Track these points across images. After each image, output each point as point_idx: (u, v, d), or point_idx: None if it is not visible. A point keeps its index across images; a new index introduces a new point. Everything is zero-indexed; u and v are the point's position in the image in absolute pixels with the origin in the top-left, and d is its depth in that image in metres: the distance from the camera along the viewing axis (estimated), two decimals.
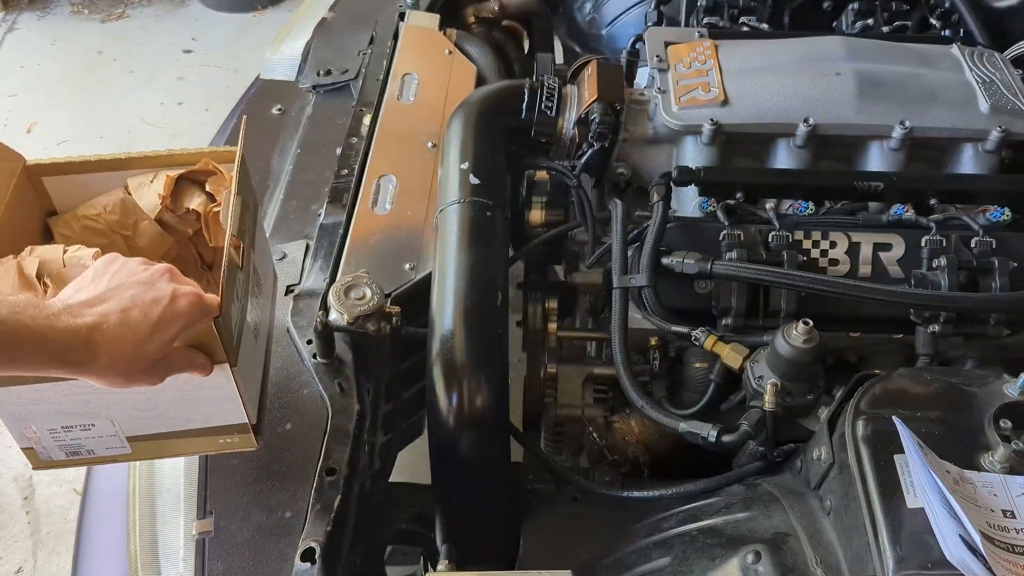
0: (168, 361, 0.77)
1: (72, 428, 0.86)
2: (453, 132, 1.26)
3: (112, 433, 0.86)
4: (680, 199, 1.22)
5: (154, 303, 0.74)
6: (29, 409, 0.83)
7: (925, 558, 0.74)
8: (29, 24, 3.97)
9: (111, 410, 0.84)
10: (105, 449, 0.88)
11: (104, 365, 0.72)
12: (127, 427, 0.86)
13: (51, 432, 0.86)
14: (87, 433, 0.86)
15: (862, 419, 0.86)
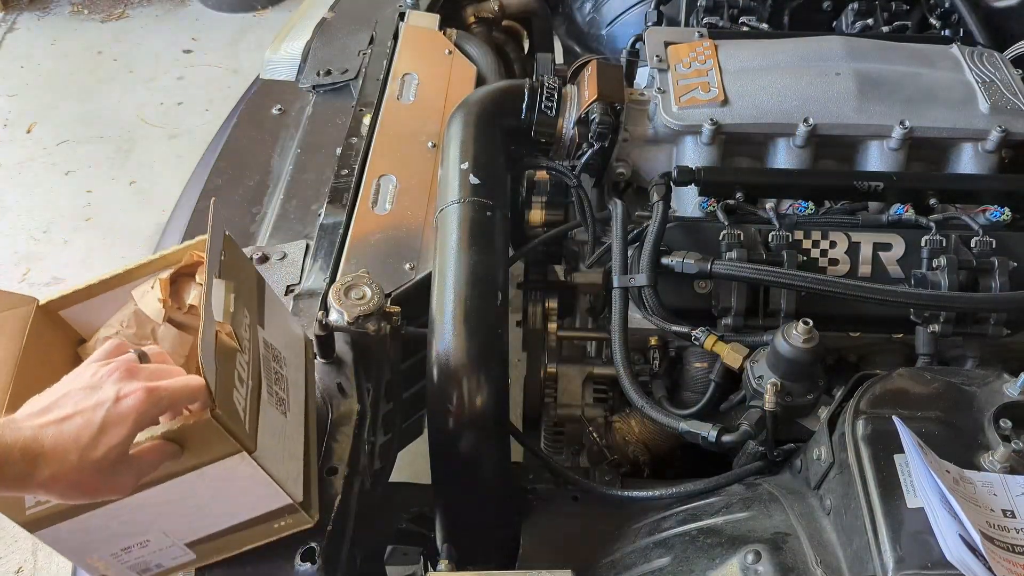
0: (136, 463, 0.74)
1: (131, 548, 0.86)
2: (453, 132, 1.26)
3: (170, 544, 0.87)
4: (680, 199, 1.22)
5: (96, 407, 0.72)
6: (83, 540, 0.84)
7: (925, 558, 0.74)
8: (29, 24, 3.97)
9: (158, 522, 0.85)
10: (171, 560, 0.89)
11: (48, 477, 0.69)
12: (181, 535, 0.87)
13: (113, 556, 0.87)
14: (146, 549, 0.87)
15: (862, 419, 0.86)
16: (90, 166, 3.17)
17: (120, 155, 3.24)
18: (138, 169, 3.17)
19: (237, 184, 1.46)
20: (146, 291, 1.07)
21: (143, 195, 3.03)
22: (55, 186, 2.93)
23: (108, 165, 3.19)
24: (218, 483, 0.83)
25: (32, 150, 3.23)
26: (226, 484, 0.83)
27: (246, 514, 0.88)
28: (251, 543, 0.92)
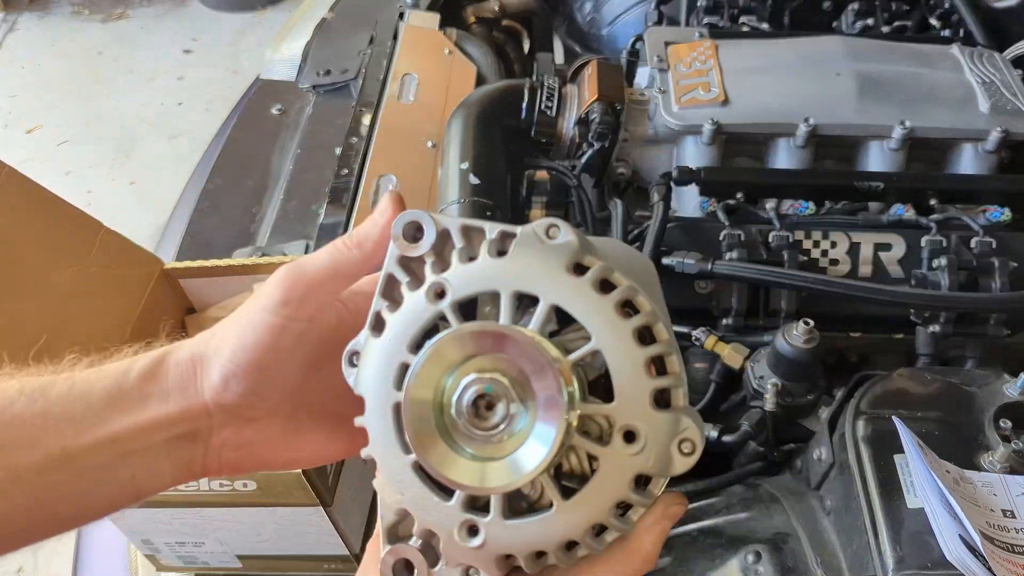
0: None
1: (185, 544, 0.91)
2: (453, 132, 1.26)
3: (222, 551, 0.93)
4: (680, 199, 1.22)
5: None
6: (145, 526, 0.89)
7: (925, 558, 0.74)
8: (29, 24, 3.97)
9: (218, 532, 0.89)
10: (218, 562, 0.94)
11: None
12: (235, 547, 0.92)
13: (167, 544, 0.91)
14: (199, 549, 0.92)
15: (862, 419, 0.86)
16: (90, 166, 3.18)
17: (120, 155, 3.24)
18: (138, 169, 3.18)
19: (237, 184, 1.46)
20: None
21: (143, 195, 3.04)
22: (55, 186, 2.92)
23: (108, 165, 3.19)
24: (286, 522, 0.86)
25: (32, 150, 3.24)
26: (293, 524, 0.86)
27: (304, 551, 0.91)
28: (298, 572, 0.94)
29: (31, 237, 0.99)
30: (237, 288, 1.15)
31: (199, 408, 0.46)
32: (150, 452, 0.45)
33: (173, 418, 0.45)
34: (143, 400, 0.45)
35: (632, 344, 0.40)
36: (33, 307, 0.97)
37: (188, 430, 0.46)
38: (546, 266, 0.40)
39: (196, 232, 1.38)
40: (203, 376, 0.46)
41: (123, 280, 1.08)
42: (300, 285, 0.46)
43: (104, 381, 0.45)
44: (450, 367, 0.40)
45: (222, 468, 0.48)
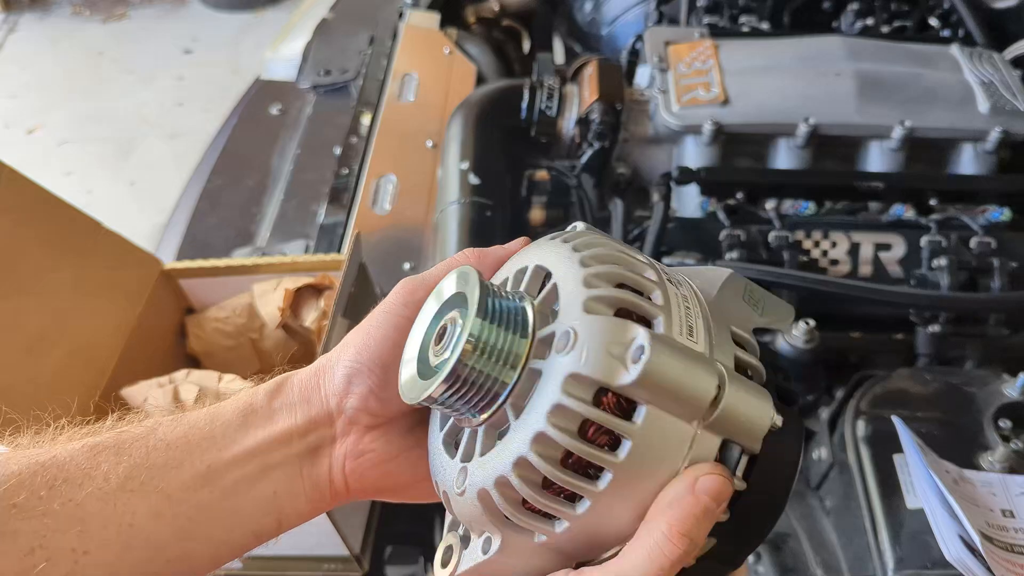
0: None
1: None
2: (453, 132, 1.26)
3: None
4: (681, 199, 1.22)
5: None
6: None
7: (925, 558, 0.74)
8: (30, 25, 3.97)
9: None
10: None
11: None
12: None
13: None
14: None
15: (862, 419, 0.86)
16: (90, 167, 3.17)
17: (120, 155, 3.24)
18: (138, 169, 3.17)
19: (237, 184, 1.46)
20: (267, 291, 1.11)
21: (143, 195, 3.04)
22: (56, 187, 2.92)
23: (108, 166, 3.19)
24: None
25: (33, 151, 3.24)
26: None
27: (306, 551, 0.90)
28: (298, 572, 0.94)
29: (31, 237, 0.99)
30: (237, 288, 1.15)
31: (323, 416, 0.48)
32: (287, 466, 0.47)
33: (301, 428, 0.47)
34: (272, 415, 0.47)
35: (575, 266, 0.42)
36: (33, 307, 0.97)
37: (315, 442, 0.48)
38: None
39: (196, 232, 1.38)
40: (326, 383, 0.48)
41: (123, 280, 1.08)
42: (420, 290, 0.48)
43: (235, 404, 0.48)
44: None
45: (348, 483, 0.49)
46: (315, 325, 1.10)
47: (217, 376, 1.03)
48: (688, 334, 0.41)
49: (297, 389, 0.49)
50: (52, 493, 0.41)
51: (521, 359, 0.41)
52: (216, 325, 1.15)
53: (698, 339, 0.41)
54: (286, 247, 1.26)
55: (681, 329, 0.41)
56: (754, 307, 0.47)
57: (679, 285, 0.44)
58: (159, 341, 1.11)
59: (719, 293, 0.46)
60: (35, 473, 0.42)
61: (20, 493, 0.41)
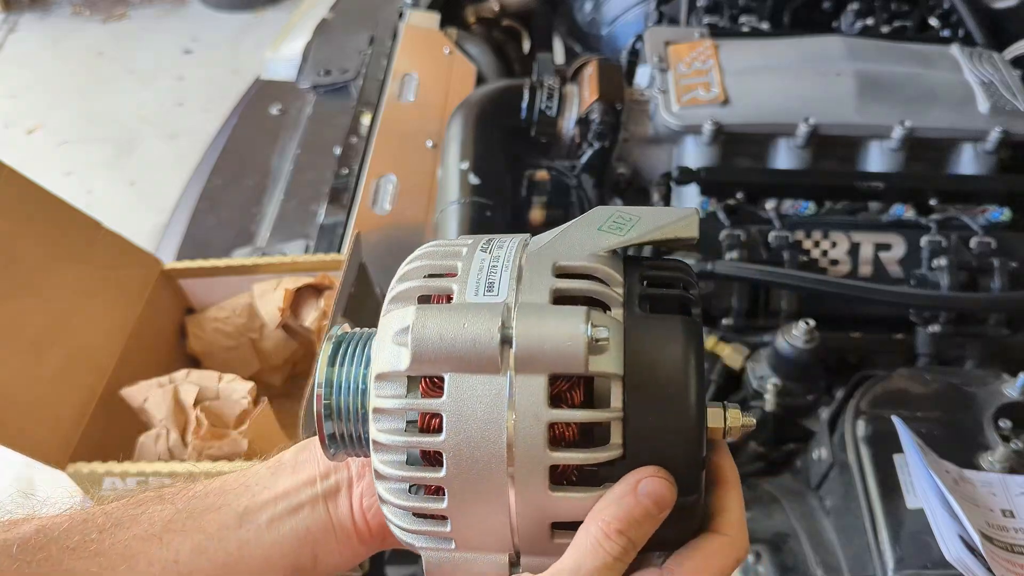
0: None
1: None
2: (453, 132, 1.26)
3: None
4: (681, 199, 1.22)
5: None
6: None
7: (925, 558, 0.74)
8: (30, 25, 3.97)
9: None
10: None
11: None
12: None
13: None
14: None
15: (862, 419, 0.86)
16: (90, 167, 3.17)
17: (120, 155, 3.24)
18: (138, 169, 3.17)
19: (237, 184, 1.46)
20: (267, 291, 1.11)
21: (143, 195, 3.03)
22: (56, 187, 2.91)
23: (108, 166, 3.19)
24: None
25: (33, 151, 3.23)
26: None
27: None
28: None
29: (31, 238, 0.99)
30: (237, 288, 1.15)
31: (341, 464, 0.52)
32: (314, 504, 0.51)
33: (322, 472, 0.52)
34: (299, 466, 0.52)
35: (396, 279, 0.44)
36: (33, 307, 0.97)
37: (334, 484, 0.52)
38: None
39: (196, 232, 1.38)
40: None
41: (123, 280, 1.08)
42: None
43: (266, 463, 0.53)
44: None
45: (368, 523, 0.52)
46: (315, 325, 1.10)
47: (217, 376, 1.03)
48: (487, 290, 0.41)
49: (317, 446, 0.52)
50: (103, 536, 0.46)
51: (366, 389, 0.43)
52: (216, 325, 1.15)
53: (499, 291, 0.40)
54: (286, 247, 1.26)
55: (477, 290, 0.41)
56: (617, 230, 0.43)
57: (496, 249, 0.43)
58: (159, 341, 1.11)
59: (559, 234, 0.44)
60: (86, 520, 0.47)
61: (74, 536, 0.46)
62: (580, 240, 0.43)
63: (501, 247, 0.43)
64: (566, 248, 0.43)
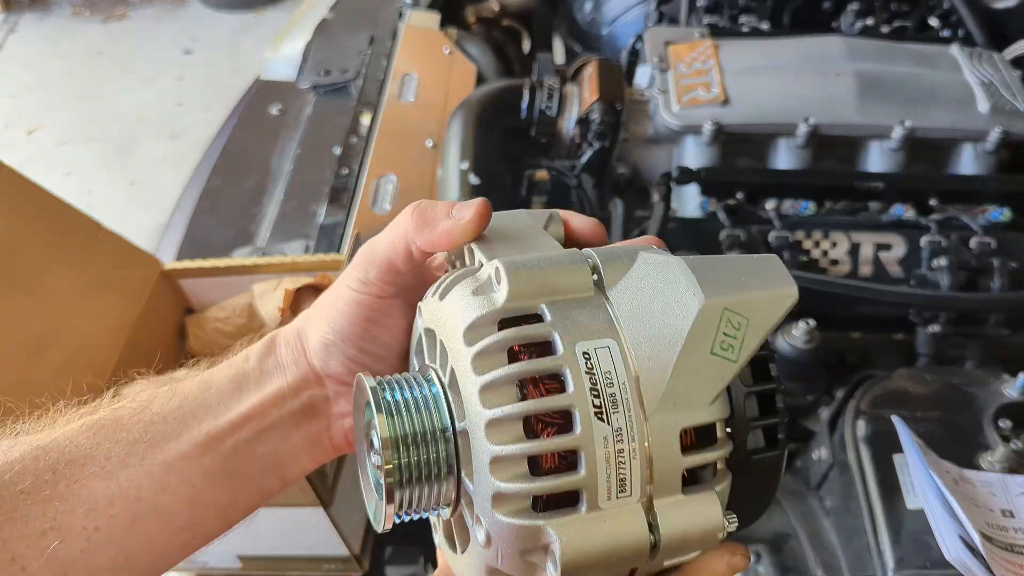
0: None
1: None
2: (453, 132, 1.26)
3: (223, 551, 0.93)
4: (681, 199, 1.22)
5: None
6: None
7: (925, 558, 0.74)
8: (30, 25, 3.97)
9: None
10: (218, 562, 0.94)
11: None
12: (235, 547, 0.92)
13: None
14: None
15: (862, 419, 0.86)
16: (90, 167, 3.17)
17: (120, 156, 3.24)
18: (138, 169, 3.17)
19: (237, 184, 1.46)
20: (267, 291, 1.11)
21: (143, 195, 3.03)
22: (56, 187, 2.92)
23: (108, 166, 3.19)
24: (286, 521, 0.85)
25: (33, 151, 3.23)
26: (293, 524, 0.86)
27: (305, 551, 0.91)
28: (298, 572, 0.94)
29: (31, 238, 0.99)
30: (237, 288, 1.15)
31: (312, 376, 0.49)
32: (283, 426, 0.48)
33: (293, 388, 0.48)
34: (264, 377, 0.48)
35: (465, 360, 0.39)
36: (33, 307, 0.97)
37: (308, 401, 0.49)
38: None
39: (196, 232, 1.38)
40: (309, 349, 0.49)
41: (122, 280, 1.08)
42: (374, 265, 0.47)
43: (227, 370, 0.49)
44: None
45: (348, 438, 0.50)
46: None
47: None
48: (619, 491, 0.37)
49: (284, 350, 0.49)
50: (56, 476, 0.42)
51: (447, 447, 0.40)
52: (216, 325, 1.15)
53: (632, 491, 0.37)
54: (286, 247, 1.26)
55: (610, 492, 0.37)
56: (729, 351, 0.38)
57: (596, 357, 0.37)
58: (159, 341, 1.11)
59: (676, 365, 0.38)
60: (37, 458, 0.43)
61: (26, 479, 0.42)
62: (698, 375, 0.38)
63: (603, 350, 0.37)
64: (684, 391, 0.37)
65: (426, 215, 0.46)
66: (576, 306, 0.39)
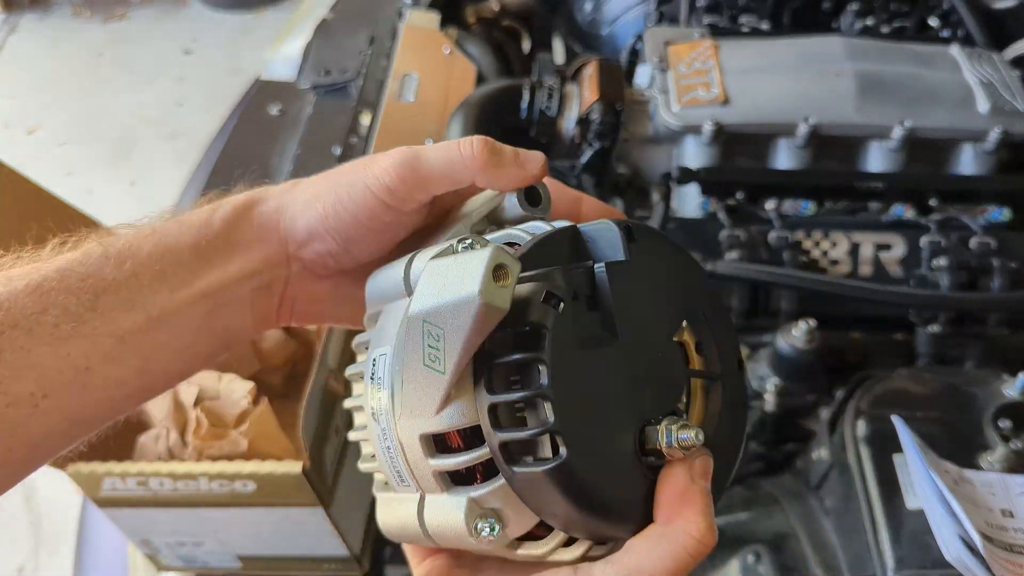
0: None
1: (185, 544, 0.91)
2: (453, 132, 1.26)
3: (222, 551, 0.93)
4: (681, 199, 1.23)
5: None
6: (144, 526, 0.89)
7: (925, 558, 0.74)
8: (30, 25, 3.97)
9: (218, 533, 0.89)
10: (219, 562, 0.94)
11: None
12: (234, 547, 0.92)
13: (167, 545, 0.92)
14: (199, 549, 0.92)
15: (862, 419, 0.86)
16: (90, 167, 3.17)
17: (120, 155, 3.24)
18: (138, 169, 3.18)
19: (237, 184, 1.46)
20: None
21: (143, 195, 3.04)
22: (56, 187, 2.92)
23: (108, 166, 3.19)
24: (286, 522, 0.86)
25: (33, 151, 3.24)
26: (292, 524, 0.86)
27: (304, 551, 0.91)
28: (297, 572, 0.94)
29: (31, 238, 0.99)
30: None
31: (279, 257, 0.48)
32: (238, 303, 0.47)
33: (257, 267, 0.47)
34: (229, 251, 0.46)
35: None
36: None
37: (267, 280, 0.48)
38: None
39: None
40: (287, 228, 0.47)
41: None
42: (412, 179, 0.45)
43: (189, 235, 0.46)
44: None
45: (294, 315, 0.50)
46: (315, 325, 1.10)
47: (217, 376, 1.03)
48: (400, 481, 0.42)
49: (256, 225, 0.47)
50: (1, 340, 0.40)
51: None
52: None
53: (410, 482, 0.42)
54: None
55: (397, 481, 0.42)
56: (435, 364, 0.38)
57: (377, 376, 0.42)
58: None
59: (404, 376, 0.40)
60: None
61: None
62: (419, 386, 0.39)
63: (383, 356, 0.42)
64: (412, 401, 0.39)
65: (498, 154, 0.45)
66: (397, 309, 0.43)
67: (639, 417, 0.39)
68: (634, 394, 0.39)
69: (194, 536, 0.89)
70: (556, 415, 0.35)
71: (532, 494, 0.37)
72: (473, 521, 0.38)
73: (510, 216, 0.47)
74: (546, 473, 0.36)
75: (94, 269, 0.43)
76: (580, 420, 0.36)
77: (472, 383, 0.38)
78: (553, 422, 0.35)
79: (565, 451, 0.35)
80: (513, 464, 0.37)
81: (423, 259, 0.42)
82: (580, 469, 0.36)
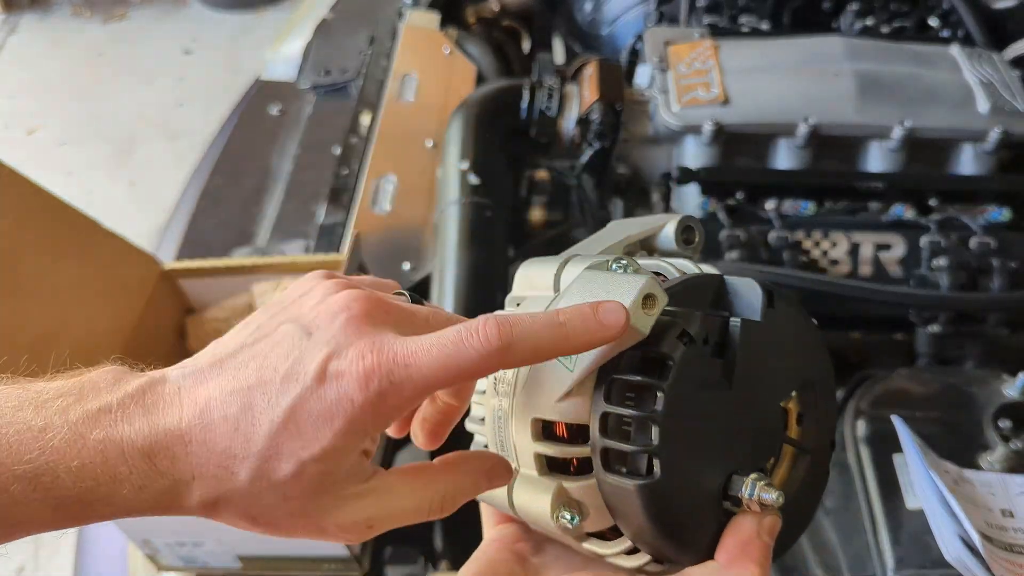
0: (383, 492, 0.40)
1: (185, 544, 0.91)
2: (453, 131, 1.26)
3: (222, 551, 0.93)
4: (681, 199, 1.23)
5: (287, 381, 0.38)
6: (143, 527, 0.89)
7: (925, 558, 0.74)
8: (30, 26, 3.97)
9: (217, 533, 0.90)
10: (218, 563, 0.94)
11: (200, 503, 0.38)
12: (235, 547, 0.92)
13: (167, 545, 0.92)
14: (199, 549, 0.92)
15: (862, 419, 0.86)
16: (90, 167, 3.17)
17: (120, 156, 3.24)
18: (138, 170, 3.18)
19: (237, 184, 1.46)
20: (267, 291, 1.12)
21: (143, 195, 3.04)
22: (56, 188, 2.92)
23: (108, 166, 3.19)
24: None
25: (33, 151, 3.24)
26: None
27: (301, 551, 0.91)
28: (297, 572, 0.94)
29: (31, 238, 0.99)
30: (237, 288, 1.15)
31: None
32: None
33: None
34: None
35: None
36: (32, 307, 0.97)
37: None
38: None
39: (196, 232, 1.38)
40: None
41: (123, 280, 1.08)
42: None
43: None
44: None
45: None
46: None
47: None
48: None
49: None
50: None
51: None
52: (216, 325, 1.15)
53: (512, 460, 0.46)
54: (286, 247, 1.26)
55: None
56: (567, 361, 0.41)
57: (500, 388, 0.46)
58: (159, 341, 1.11)
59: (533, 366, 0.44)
60: None
61: None
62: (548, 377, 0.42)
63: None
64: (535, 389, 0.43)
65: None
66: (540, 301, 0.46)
67: (730, 465, 0.41)
68: (731, 443, 0.42)
69: (194, 536, 0.89)
70: (661, 439, 0.38)
71: (617, 501, 0.40)
72: (557, 506, 0.42)
73: (662, 247, 0.51)
74: (637, 488, 0.39)
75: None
76: (679, 451, 0.39)
77: (592, 387, 0.41)
78: (657, 445, 0.38)
79: (660, 473, 0.38)
80: (608, 470, 0.40)
81: (577, 265, 0.45)
82: (667, 493, 0.39)
